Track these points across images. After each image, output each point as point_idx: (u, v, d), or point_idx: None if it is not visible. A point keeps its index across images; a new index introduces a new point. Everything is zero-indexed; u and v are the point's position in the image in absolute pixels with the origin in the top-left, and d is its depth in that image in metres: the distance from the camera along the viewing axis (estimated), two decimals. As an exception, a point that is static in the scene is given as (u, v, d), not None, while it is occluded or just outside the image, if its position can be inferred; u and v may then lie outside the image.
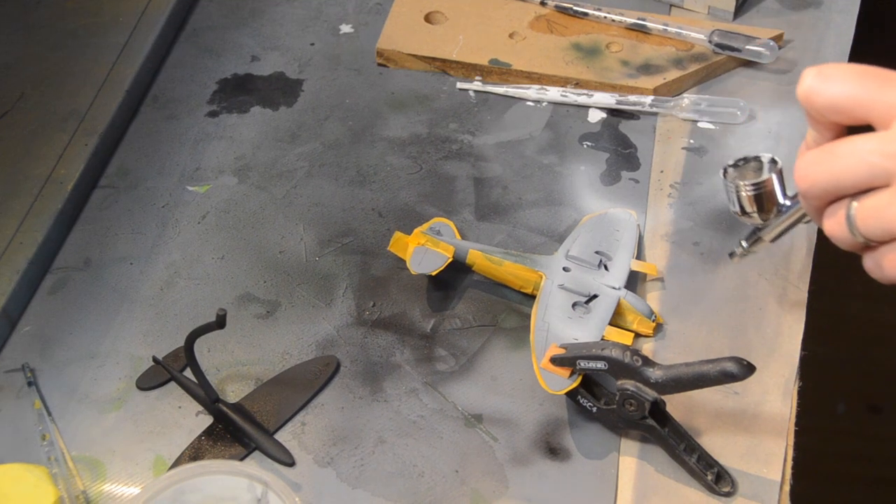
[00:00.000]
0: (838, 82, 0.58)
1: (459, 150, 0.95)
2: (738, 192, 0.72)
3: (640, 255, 0.86)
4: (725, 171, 0.73)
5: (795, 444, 0.75)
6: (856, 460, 1.62)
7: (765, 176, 0.70)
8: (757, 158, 0.73)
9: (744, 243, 0.77)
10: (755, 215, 0.73)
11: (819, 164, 0.59)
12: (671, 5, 1.06)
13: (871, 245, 0.60)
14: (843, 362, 1.70)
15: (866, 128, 0.58)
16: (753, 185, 0.71)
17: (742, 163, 0.73)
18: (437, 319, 0.82)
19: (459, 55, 1.01)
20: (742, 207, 0.73)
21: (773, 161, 0.71)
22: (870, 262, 0.61)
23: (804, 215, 0.69)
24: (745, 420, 0.76)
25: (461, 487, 0.73)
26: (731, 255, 0.78)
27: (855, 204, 0.58)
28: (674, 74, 0.98)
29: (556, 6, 1.04)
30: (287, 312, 0.83)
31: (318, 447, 0.75)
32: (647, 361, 0.70)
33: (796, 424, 0.76)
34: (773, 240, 0.76)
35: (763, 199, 0.71)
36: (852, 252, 0.62)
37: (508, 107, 0.98)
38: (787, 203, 0.71)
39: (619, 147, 0.94)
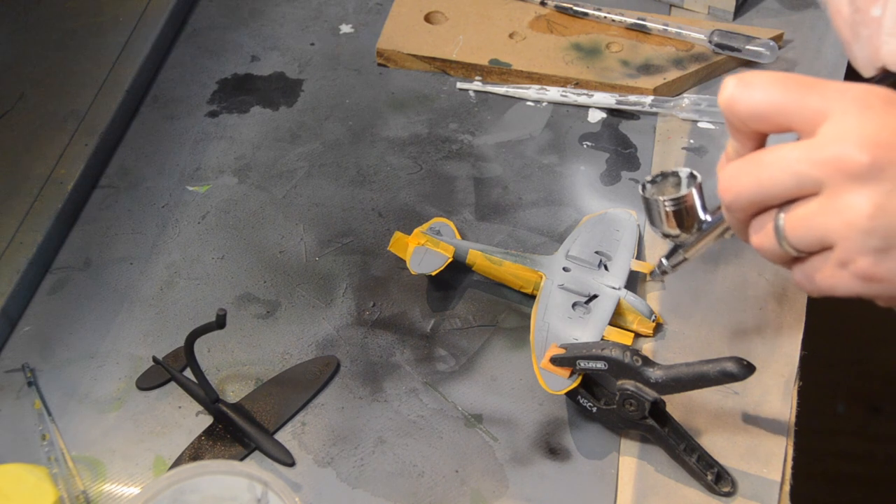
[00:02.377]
0: (760, 89, 0.57)
1: (459, 150, 0.95)
2: (657, 208, 0.69)
3: (640, 255, 0.86)
4: (644, 187, 0.70)
5: (795, 444, 0.74)
6: (856, 460, 1.62)
7: (684, 191, 0.68)
8: (675, 174, 0.70)
9: (664, 261, 0.75)
10: (674, 234, 0.70)
11: (744, 175, 0.58)
12: (671, 5, 1.06)
13: (800, 257, 0.58)
14: (843, 362, 1.70)
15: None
16: (673, 200, 0.68)
17: (660, 178, 0.70)
18: (437, 319, 0.82)
19: (459, 55, 1.01)
20: (661, 224, 0.70)
21: (693, 176, 0.68)
22: (799, 275, 0.59)
23: (727, 229, 0.67)
24: (745, 420, 0.76)
25: (461, 487, 0.73)
26: (653, 273, 0.76)
27: (783, 215, 0.57)
28: (674, 74, 0.98)
29: (556, 6, 1.04)
30: (287, 312, 0.83)
31: (318, 447, 0.75)
32: (647, 361, 0.70)
33: (796, 424, 0.76)
34: (694, 257, 0.73)
35: (683, 215, 0.68)
36: (781, 265, 0.60)
37: (508, 107, 0.98)
38: (709, 219, 0.68)
39: (619, 147, 0.94)
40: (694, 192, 0.68)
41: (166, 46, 1.05)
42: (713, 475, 0.72)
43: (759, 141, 0.59)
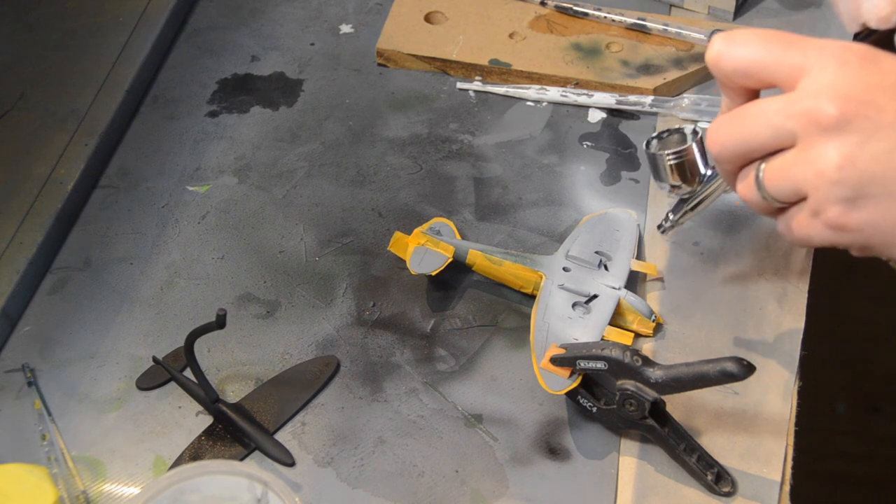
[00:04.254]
0: (744, 46, 0.59)
1: (459, 150, 0.95)
2: (661, 162, 0.73)
3: (640, 255, 0.86)
4: (648, 143, 0.74)
5: (795, 444, 0.74)
6: (856, 460, 1.62)
7: (686, 144, 0.72)
8: (680, 130, 0.75)
9: (671, 215, 0.79)
10: (679, 186, 0.73)
11: (728, 128, 0.60)
12: (671, 5, 1.07)
13: (782, 208, 0.61)
14: (843, 362, 1.70)
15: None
16: (675, 153, 0.72)
17: (666, 135, 0.74)
18: (437, 319, 0.82)
19: (459, 55, 1.01)
20: (665, 178, 0.74)
21: (695, 132, 0.72)
22: (781, 225, 0.62)
23: (724, 183, 0.71)
24: (745, 420, 0.76)
25: (461, 487, 0.73)
26: (660, 227, 0.80)
27: (763, 165, 0.60)
28: (674, 74, 0.98)
29: (556, 6, 1.04)
30: (287, 312, 0.83)
31: (318, 447, 0.75)
32: (647, 361, 0.70)
33: (796, 424, 0.76)
34: (699, 210, 0.77)
35: (685, 168, 0.73)
36: (766, 216, 0.63)
37: (508, 107, 0.98)
38: (710, 172, 0.72)
39: (619, 147, 0.94)
40: (695, 146, 0.72)
41: (166, 46, 1.05)
42: (713, 475, 0.72)
43: (748, 97, 0.62)
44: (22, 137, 0.93)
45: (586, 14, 1.03)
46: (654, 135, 0.73)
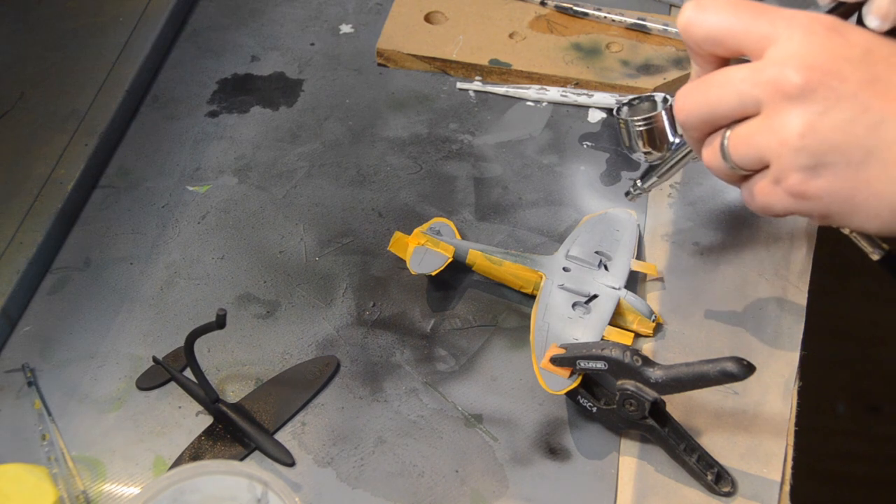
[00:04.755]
0: (714, 13, 0.60)
1: (459, 150, 0.95)
2: (629, 127, 0.74)
3: (640, 255, 0.86)
4: (619, 110, 0.75)
5: (795, 444, 0.75)
6: (856, 460, 1.62)
7: (656, 111, 0.73)
8: (650, 98, 0.76)
9: (639, 182, 0.80)
10: (647, 152, 0.75)
11: (695, 94, 0.61)
12: (671, 5, 1.07)
13: (746, 175, 0.61)
14: (843, 362, 1.70)
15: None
16: (644, 119, 0.73)
17: (636, 102, 0.76)
18: (437, 319, 0.82)
19: (459, 55, 1.01)
20: (634, 143, 0.75)
21: (665, 99, 0.73)
22: (745, 193, 0.62)
23: (692, 151, 0.71)
24: (745, 420, 0.76)
25: (461, 487, 0.73)
26: (627, 194, 0.81)
27: (728, 132, 0.60)
28: (674, 74, 0.98)
29: (556, 6, 1.04)
30: (287, 312, 0.83)
31: (318, 447, 0.75)
32: (647, 361, 0.70)
33: (796, 424, 0.76)
34: (666, 177, 0.78)
35: (654, 134, 0.74)
36: (732, 184, 0.63)
37: (508, 107, 0.98)
38: (677, 140, 0.73)
39: (619, 147, 0.94)
40: (664, 113, 0.73)
41: (166, 46, 1.05)
42: (713, 475, 0.72)
43: (717, 65, 0.62)
44: (22, 137, 0.93)
45: (586, 14, 1.03)
46: (625, 101, 0.74)
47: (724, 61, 0.62)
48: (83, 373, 0.80)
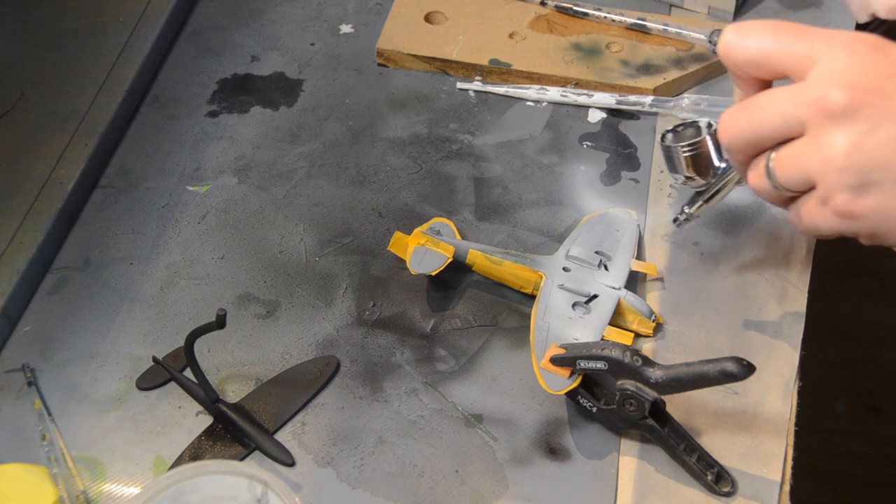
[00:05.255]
0: (754, 37, 0.60)
1: (459, 150, 0.95)
2: (676, 154, 0.74)
3: (640, 255, 0.86)
4: (664, 137, 0.75)
5: (795, 444, 0.75)
6: (856, 460, 1.62)
7: (700, 137, 0.73)
8: (694, 124, 0.76)
9: (686, 209, 0.80)
10: (693, 178, 0.75)
11: (738, 117, 0.61)
12: (671, 5, 1.07)
13: (792, 197, 0.61)
14: (843, 362, 1.70)
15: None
16: (690, 145, 0.73)
17: (681, 128, 0.76)
18: (437, 319, 0.82)
19: (459, 55, 1.01)
20: (680, 170, 0.75)
21: (710, 125, 0.73)
22: (791, 214, 0.63)
23: (737, 175, 0.71)
24: (745, 420, 0.76)
25: (461, 487, 0.73)
26: (675, 220, 0.81)
27: (773, 154, 0.60)
28: (674, 74, 0.98)
29: (556, 6, 1.04)
30: (287, 312, 0.83)
31: (318, 447, 0.75)
32: (647, 361, 0.70)
33: (796, 424, 0.76)
34: (713, 202, 0.78)
35: (700, 160, 0.74)
36: (779, 206, 0.63)
37: (508, 107, 0.98)
38: (724, 165, 0.73)
39: (619, 147, 0.94)
40: (709, 138, 0.73)
41: (166, 46, 1.05)
42: (713, 475, 0.72)
43: (759, 87, 0.62)
44: (22, 137, 0.93)
45: (586, 14, 1.03)
46: (670, 128, 0.74)
47: (767, 84, 0.62)
48: (83, 373, 0.80)
